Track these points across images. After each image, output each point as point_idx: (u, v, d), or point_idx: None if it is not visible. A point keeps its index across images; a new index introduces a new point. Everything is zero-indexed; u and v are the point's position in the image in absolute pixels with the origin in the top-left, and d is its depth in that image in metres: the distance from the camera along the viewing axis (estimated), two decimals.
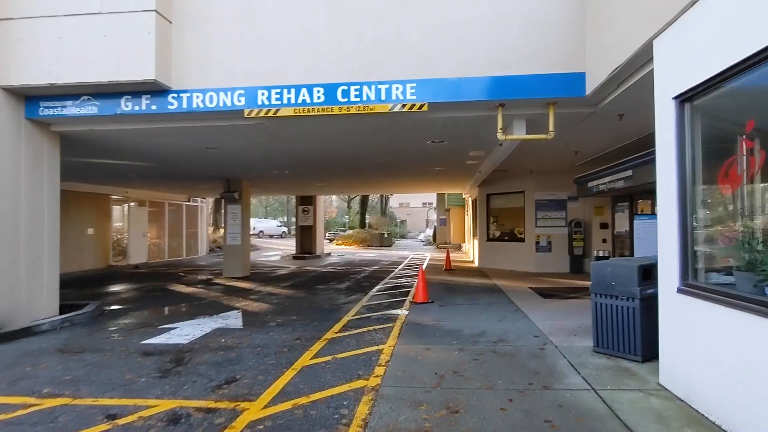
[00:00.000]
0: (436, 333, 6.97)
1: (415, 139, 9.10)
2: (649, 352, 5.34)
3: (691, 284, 4.16)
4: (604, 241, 14.29)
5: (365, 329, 7.29)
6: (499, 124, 7.04)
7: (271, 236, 49.44)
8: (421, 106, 6.78)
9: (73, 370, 5.44)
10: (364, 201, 44.07)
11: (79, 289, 12.87)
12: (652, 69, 5.09)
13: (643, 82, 5.61)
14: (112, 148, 9.56)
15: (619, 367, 5.19)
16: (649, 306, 5.36)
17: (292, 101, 6.97)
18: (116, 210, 21.13)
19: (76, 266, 17.10)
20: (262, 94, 7.01)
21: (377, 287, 12.32)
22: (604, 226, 14.48)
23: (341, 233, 41.25)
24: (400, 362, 5.53)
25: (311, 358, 5.76)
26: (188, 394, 4.63)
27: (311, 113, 6.95)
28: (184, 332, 7.30)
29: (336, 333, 7.11)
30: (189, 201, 24.33)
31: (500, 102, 6.85)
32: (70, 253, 16.88)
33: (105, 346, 6.55)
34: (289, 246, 31.72)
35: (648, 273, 5.40)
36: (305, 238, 24.77)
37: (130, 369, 5.46)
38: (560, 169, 13.86)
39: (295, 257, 23.72)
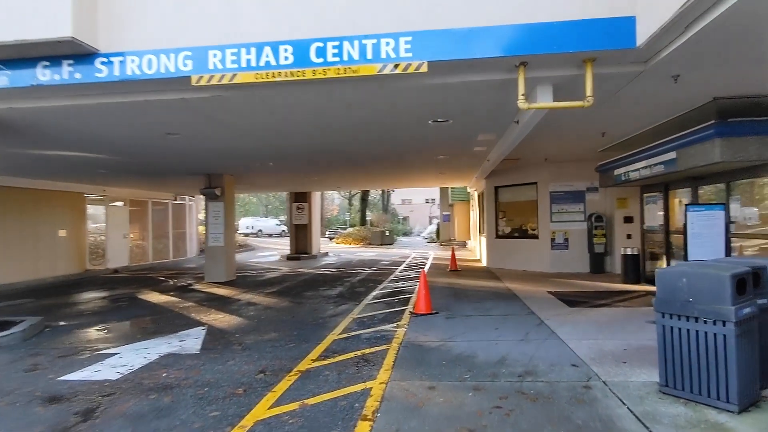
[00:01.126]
0: (442, 360, 5.40)
1: (415, 118, 7.51)
2: (749, 398, 3.76)
3: None
4: (629, 237, 12.71)
5: (352, 355, 5.73)
6: (521, 89, 5.43)
7: (270, 235, 48.02)
8: (419, 67, 5.19)
9: None
10: (364, 197, 42.42)
11: (41, 298, 11.38)
12: None
13: (723, 21, 4.05)
14: (50, 133, 7.98)
15: (707, 422, 3.60)
16: (748, 332, 3.78)
17: (253, 63, 5.38)
18: (95, 210, 19.67)
19: (48, 272, 15.58)
20: (215, 55, 5.42)
21: (373, 293, 10.75)
22: (628, 219, 12.88)
23: (341, 231, 39.73)
24: (394, 413, 3.97)
25: (271, 407, 4.19)
26: None
27: (278, 78, 5.36)
28: (122, 361, 5.75)
29: (314, 361, 5.55)
30: (176, 199, 22.81)
31: (522, 60, 5.25)
32: (41, 257, 15.42)
33: (10, 384, 5.00)
34: (288, 245, 30.14)
35: (742, 284, 3.82)
36: (300, 237, 23.25)
37: (13, 428, 3.91)
38: (579, 156, 12.25)
39: (289, 258, 22.17)
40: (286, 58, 5.34)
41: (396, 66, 5.20)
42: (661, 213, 10.27)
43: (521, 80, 5.40)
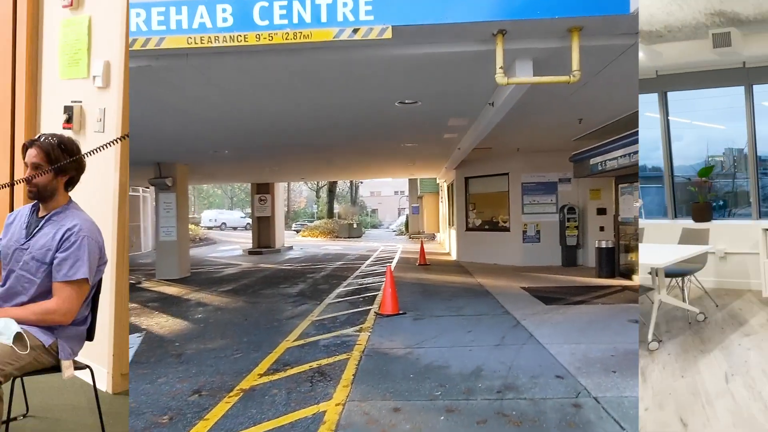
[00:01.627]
0: (409, 372, 4.71)
1: (379, 98, 6.77)
2: None
3: None
4: (602, 229, 12.34)
5: (306, 367, 4.97)
6: (499, 62, 4.74)
7: (235, 228, 46.43)
8: (382, 32, 4.43)
9: None
10: (331, 189, 41.48)
11: None
12: None
13: None
14: None
15: None
16: None
17: (184, 26, 4.51)
18: None
19: None
20: (138, 14, 4.53)
21: (337, 291, 10.00)
22: (601, 211, 12.52)
23: (308, 224, 38.74)
24: None
25: None
26: None
27: (215, 44, 4.52)
28: None
29: (261, 376, 4.76)
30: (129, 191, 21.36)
31: (500, 27, 4.56)
32: None
33: None
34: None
35: None
36: (263, 230, 22.22)
37: None
38: (552, 146, 11.76)
39: (250, 252, 21.14)
40: (225, 20, 4.49)
41: (355, 31, 4.43)
42: (637, 204, 9.86)
43: (499, 51, 4.70)
